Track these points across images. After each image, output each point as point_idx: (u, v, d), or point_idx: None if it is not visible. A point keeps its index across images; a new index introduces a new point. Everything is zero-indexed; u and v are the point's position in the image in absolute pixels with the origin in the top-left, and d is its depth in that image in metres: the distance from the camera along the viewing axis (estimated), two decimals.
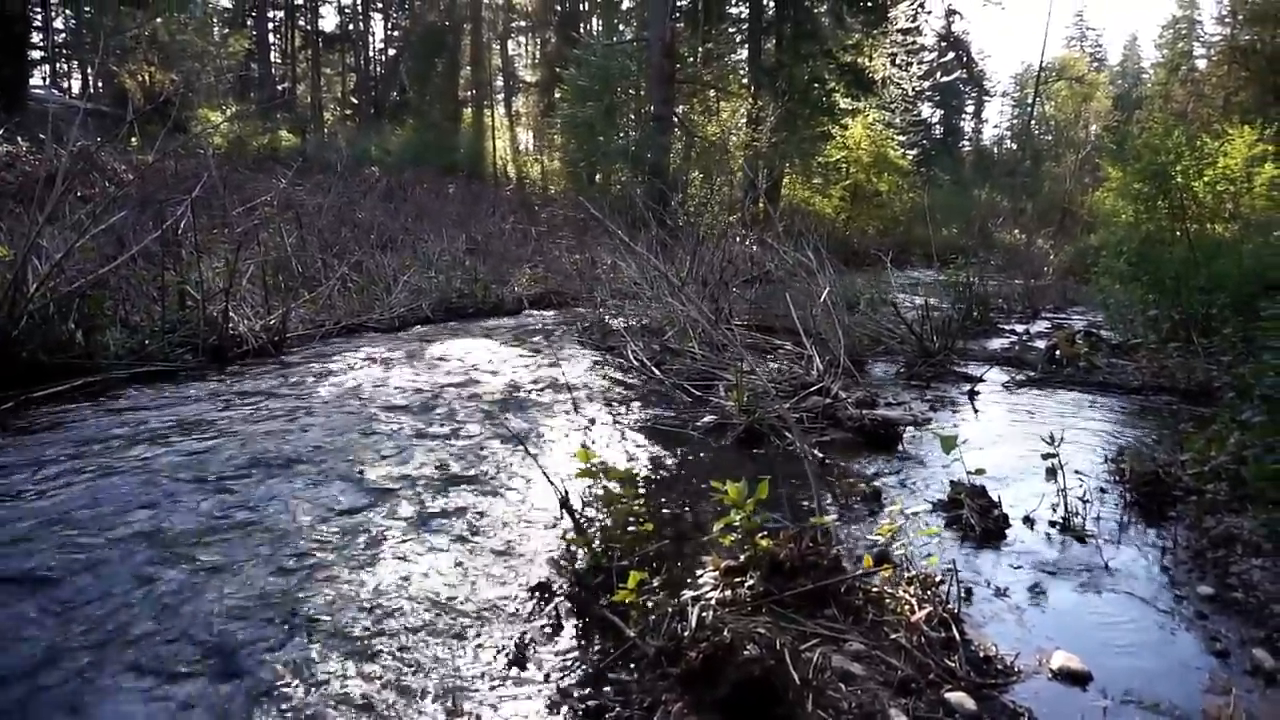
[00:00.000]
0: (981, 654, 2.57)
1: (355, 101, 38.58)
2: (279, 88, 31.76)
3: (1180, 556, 3.46)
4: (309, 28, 37.59)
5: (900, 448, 5.08)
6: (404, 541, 3.30)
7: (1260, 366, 4.87)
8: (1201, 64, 43.20)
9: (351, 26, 39.47)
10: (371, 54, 41.00)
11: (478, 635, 2.63)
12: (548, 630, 2.69)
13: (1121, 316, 10.35)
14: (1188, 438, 4.93)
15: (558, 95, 26.94)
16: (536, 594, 2.92)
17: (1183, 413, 6.20)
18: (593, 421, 5.45)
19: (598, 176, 23.40)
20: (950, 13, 42.72)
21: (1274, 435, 4.07)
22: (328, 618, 2.66)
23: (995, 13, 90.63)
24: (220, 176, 10.49)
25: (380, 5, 39.75)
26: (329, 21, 43.57)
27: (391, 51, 39.87)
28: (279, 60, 37.61)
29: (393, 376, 6.39)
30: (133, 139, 13.10)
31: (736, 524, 2.87)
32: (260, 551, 3.11)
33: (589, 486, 3.25)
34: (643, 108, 22.06)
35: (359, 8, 39.15)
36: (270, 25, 35.83)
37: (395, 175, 20.70)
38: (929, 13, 36.86)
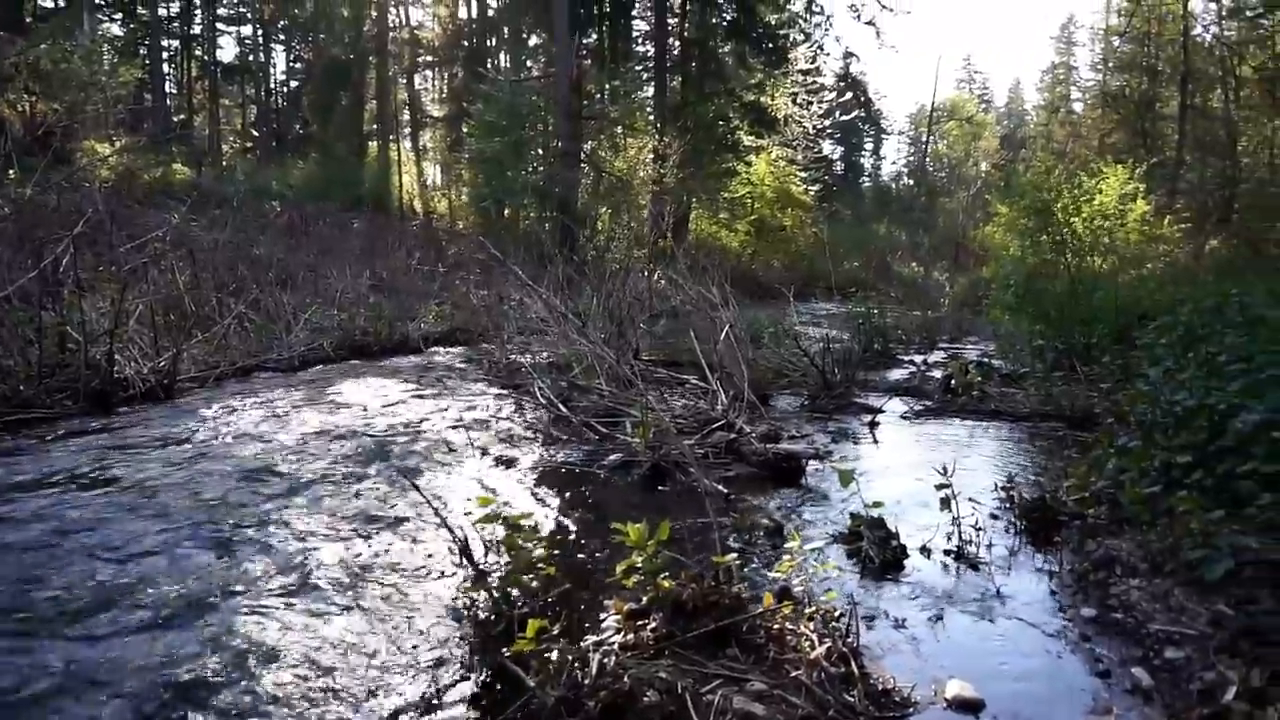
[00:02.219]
0: (880, 687, 2.61)
1: (255, 134, 37.62)
2: (173, 119, 30.70)
3: (1065, 580, 3.61)
4: (206, 58, 36.55)
5: (803, 481, 5.17)
6: (294, 593, 3.17)
7: (1134, 394, 5.16)
8: (1079, 107, 45.99)
9: (251, 57, 38.56)
10: (272, 86, 40.10)
11: (373, 690, 2.54)
12: (446, 682, 2.62)
13: (1011, 346, 10.83)
14: (1071, 464, 5.17)
15: (465, 130, 26.84)
16: (435, 645, 2.84)
17: (1068, 439, 6.49)
18: (498, 462, 5.38)
19: (506, 212, 23.33)
20: (848, 55, 44.31)
21: (1147, 460, 4.30)
22: (210, 678, 2.52)
23: (890, 55, 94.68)
24: (107, 211, 10.02)
25: (281, 37, 38.97)
26: (227, 52, 42.43)
27: (294, 83, 39.12)
28: (174, 91, 36.43)
29: (288, 420, 6.18)
30: (10, 171, 12.41)
31: (639, 566, 2.86)
32: (137, 612, 2.94)
33: (490, 532, 3.20)
34: (550, 144, 22.15)
35: (259, 39, 38.32)
36: (165, 55, 34.70)
37: (297, 210, 20.19)
38: (827, 55, 38.27)
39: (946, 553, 3.88)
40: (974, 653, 2.98)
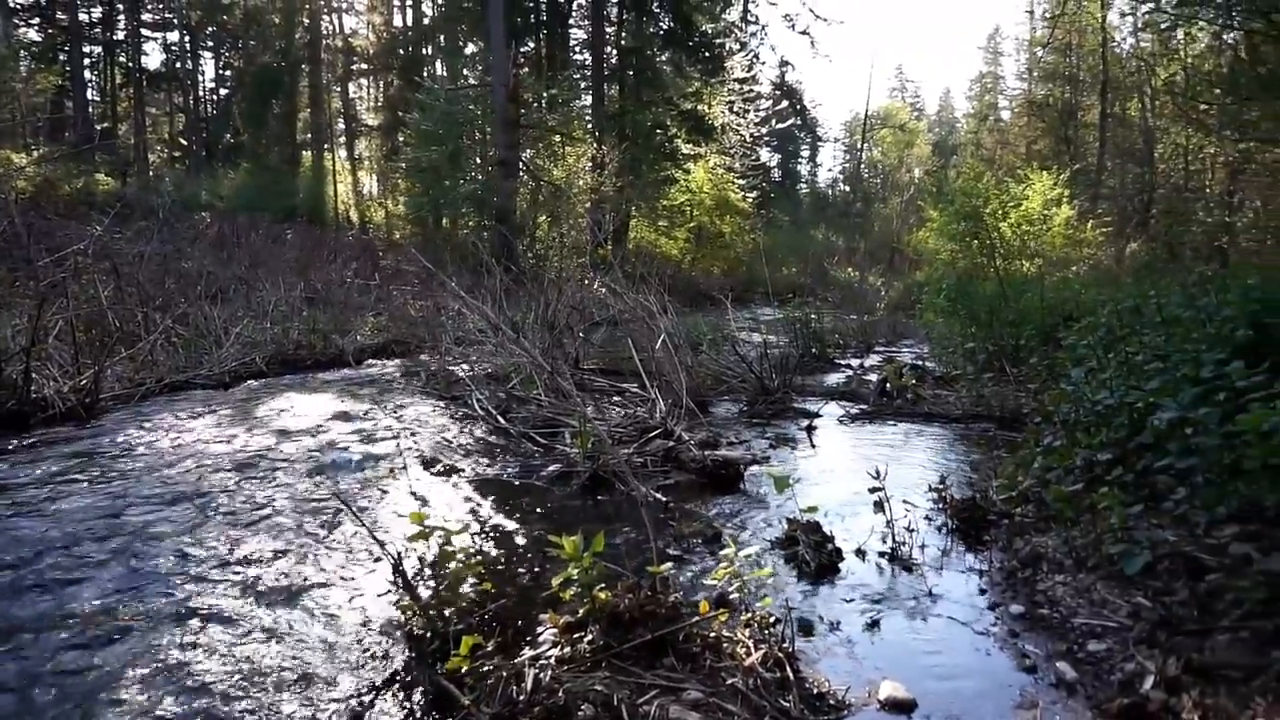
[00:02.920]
0: (815, 690, 2.65)
1: (184, 143, 36.61)
2: (95, 128, 29.71)
3: (995, 578, 3.69)
4: (130, 64, 35.46)
5: (741, 487, 5.21)
6: (220, 617, 3.09)
7: (1058, 394, 5.32)
8: (1006, 115, 47.32)
9: (179, 64, 37.54)
10: (201, 94, 39.08)
11: (304, 713, 2.49)
12: (381, 703, 2.58)
13: (944, 349, 11.07)
14: (1000, 464, 5.31)
15: (401, 139, 26.54)
16: (369, 665, 2.79)
17: (998, 439, 6.66)
18: (436, 476, 5.31)
19: (444, 221, 23.10)
20: (783, 63, 45.09)
21: (1070, 459, 4.43)
22: (132, 706, 2.44)
23: (825, 65, 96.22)
24: (24, 224, 9.68)
25: (210, 43, 38.02)
26: (154, 59, 41.28)
27: (224, 91, 38.20)
28: (97, 98, 35.29)
29: (217, 438, 6.01)
30: None
31: (574, 578, 2.85)
32: (55, 638, 2.83)
33: (424, 548, 3.15)
34: (488, 153, 22.01)
35: (186, 45, 37.33)
36: (86, 61, 33.58)
37: (228, 221, 19.71)
38: (763, 63, 38.90)
39: (881, 555, 3.94)
40: (907, 653, 3.03)
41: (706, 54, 26.69)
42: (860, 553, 3.97)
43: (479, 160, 22.47)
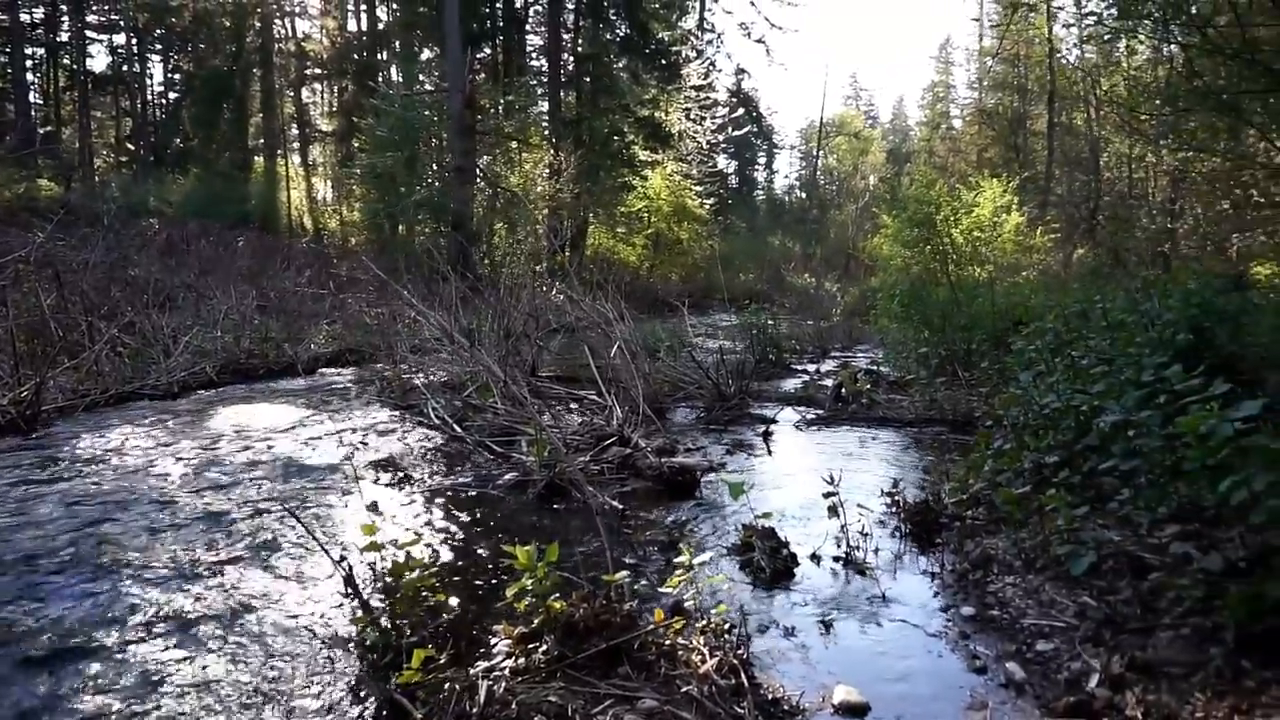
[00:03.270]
0: (770, 696, 2.66)
1: (131, 148, 35.78)
2: (38, 132, 28.91)
3: (946, 580, 3.74)
4: (75, 67, 34.59)
5: (699, 493, 5.22)
6: (171, 633, 3.02)
7: (1007, 398, 5.42)
8: (958, 123, 48.16)
9: (125, 67, 36.70)
10: (149, 97, 38.24)
11: None
12: (333, 718, 2.54)
13: (898, 354, 11.22)
14: (952, 467, 5.39)
15: (356, 145, 26.24)
16: (321, 680, 2.75)
17: (951, 442, 6.76)
18: (391, 486, 5.25)
19: (400, 228, 22.88)
20: (739, 71, 45.41)
21: (1019, 461, 4.52)
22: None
23: (780, 73, 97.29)
24: None
25: (158, 46, 37.23)
26: (99, 61, 40.29)
27: (173, 95, 37.42)
28: (39, 101, 34.36)
29: (165, 450, 5.89)
30: None
31: (529, 588, 2.83)
32: (11, 659, 2.75)
33: (377, 559, 3.11)
34: (444, 159, 21.86)
35: (133, 48, 36.50)
36: (29, 63, 32.71)
37: (177, 228, 19.31)
38: (720, 71, 39.15)
39: (835, 559, 3.98)
40: (861, 657, 3.06)
41: (663, 61, 26.82)
42: (815, 557, 4.00)
43: (435, 167, 22.30)
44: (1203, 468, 3.03)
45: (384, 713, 2.54)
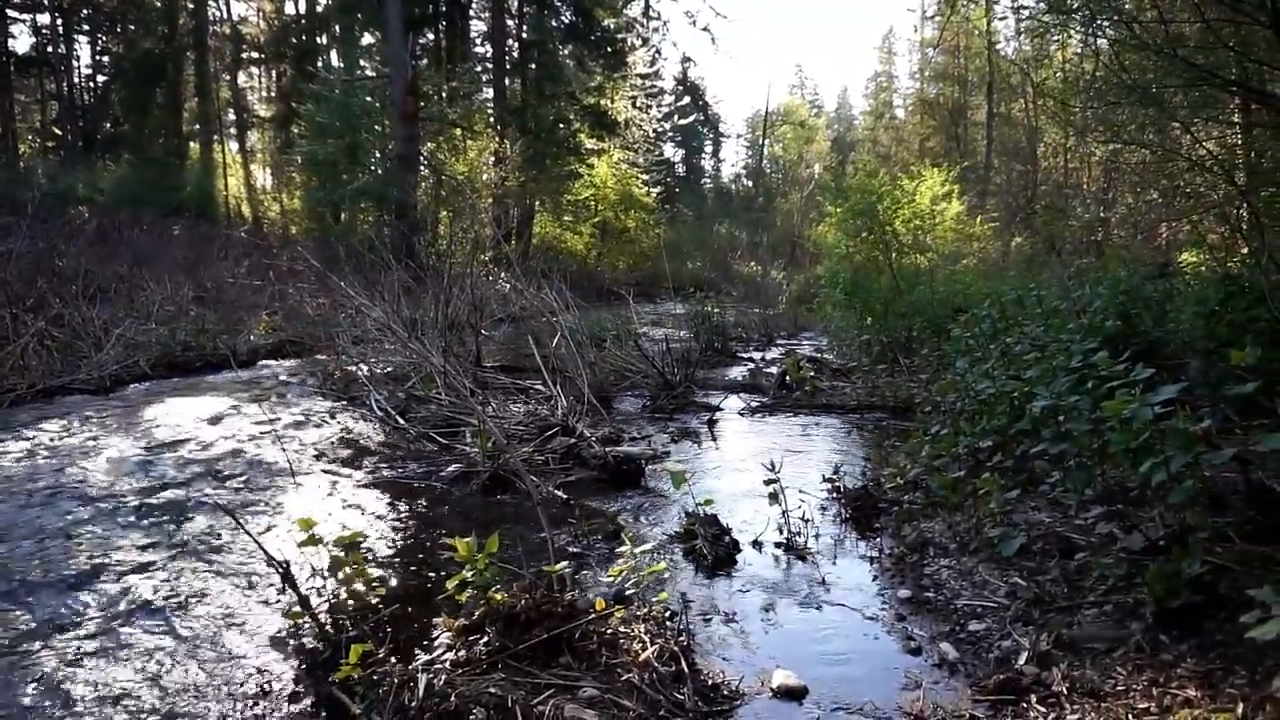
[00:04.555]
0: (710, 682, 2.70)
1: (58, 132, 34.47)
2: None
3: (885, 564, 3.83)
4: None
5: (643, 482, 5.25)
6: (103, 632, 2.96)
7: (945, 384, 5.54)
8: (900, 113, 48.84)
9: (50, 49, 35.33)
10: (77, 80, 36.86)
11: None
12: (270, 715, 2.50)
13: (841, 341, 11.38)
14: (892, 453, 5.49)
15: (296, 132, 25.66)
16: (258, 677, 2.72)
17: (891, 429, 6.89)
18: (332, 480, 5.18)
19: (342, 217, 22.45)
20: (685, 60, 45.28)
21: (954, 446, 4.63)
22: None
23: (726, 61, 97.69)
24: None
25: (85, 26, 35.85)
26: (22, 42, 38.66)
27: (101, 78, 36.13)
28: None
29: (95, 445, 5.72)
30: None
31: (470, 580, 2.83)
32: None
33: (315, 554, 3.07)
34: (387, 146, 21.49)
35: (59, 28, 35.13)
36: None
37: (108, 216, 18.69)
38: (665, 59, 39.04)
39: (777, 545, 4.04)
40: (800, 641, 3.11)
41: (608, 48, 26.67)
42: (757, 544, 4.06)
43: (377, 154, 21.91)
44: (1126, 450, 3.13)
45: (323, 709, 2.52)
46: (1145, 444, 2.96)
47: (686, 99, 46.27)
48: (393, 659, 2.56)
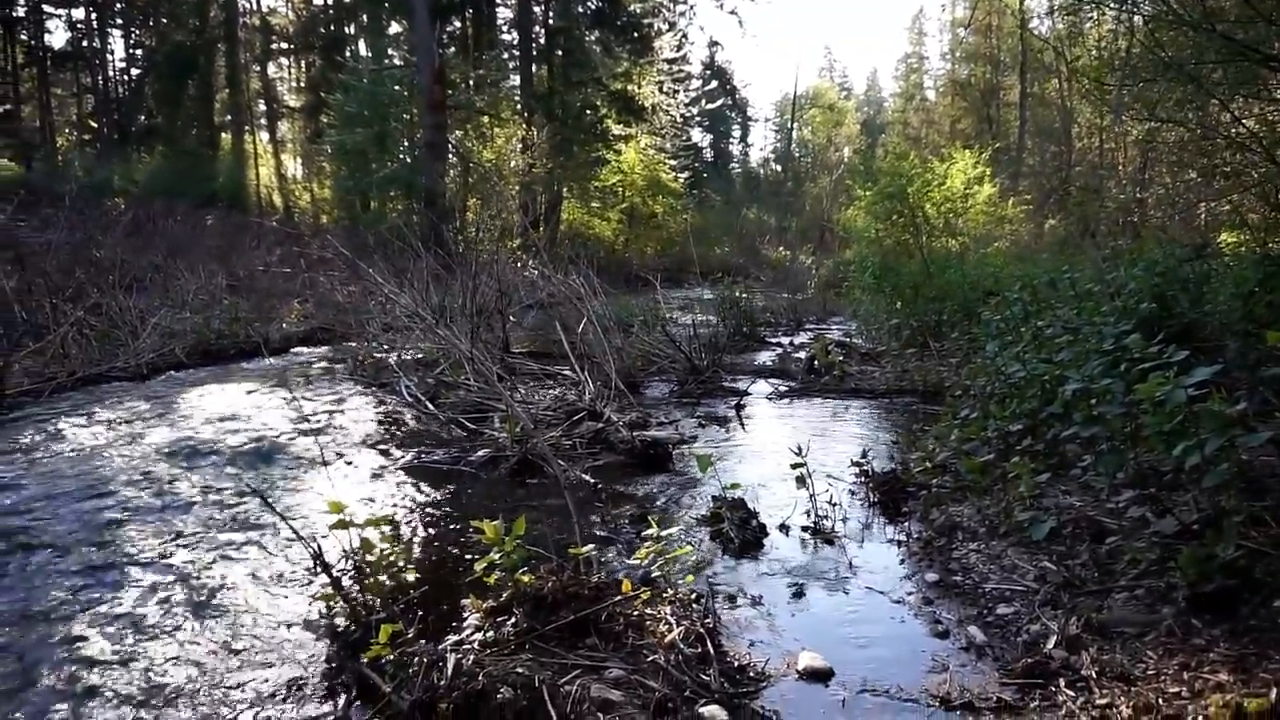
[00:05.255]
0: (735, 664, 2.70)
1: (94, 125, 35.02)
2: None
3: (912, 548, 3.81)
4: (33, 43, 33.73)
5: (671, 466, 5.26)
6: (139, 613, 3.03)
7: (974, 368, 5.48)
8: (931, 95, 48.21)
9: (86, 43, 35.84)
10: (111, 73, 37.38)
11: (228, 704, 2.46)
12: (302, 693, 2.56)
13: (870, 325, 11.30)
14: (920, 437, 5.46)
15: (325, 121, 25.86)
16: (292, 656, 2.77)
17: (920, 413, 6.84)
18: (363, 465, 5.25)
19: (371, 205, 22.63)
20: (712, 44, 45.24)
21: (984, 430, 4.58)
22: (55, 702, 2.38)
23: (754, 45, 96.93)
24: None
25: (119, 21, 36.32)
26: (58, 37, 39.28)
27: (135, 71, 36.61)
28: None
29: (133, 431, 5.84)
30: None
31: (497, 562, 2.85)
32: None
33: (347, 537, 3.12)
34: (415, 134, 21.60)
35: (94, 23, 35.63)
36: None
37: (143, 207, 18.98)
38: (692, 43, 38.84)
39: (804, 529, 4.03)
40: (826, 623, 3.11)
41: (635, 33, 26.58)
42: (784, 528, 4.05)
43: (406, 142, 22.04)
44: (1160, 433, 3.09)
45: (354, 687, 2.56)
46: (1179, 427, 2.92)
47: (714, 83, 46.04)
48: (422, 639, 2.60)
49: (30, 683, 2.56)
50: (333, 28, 33.19)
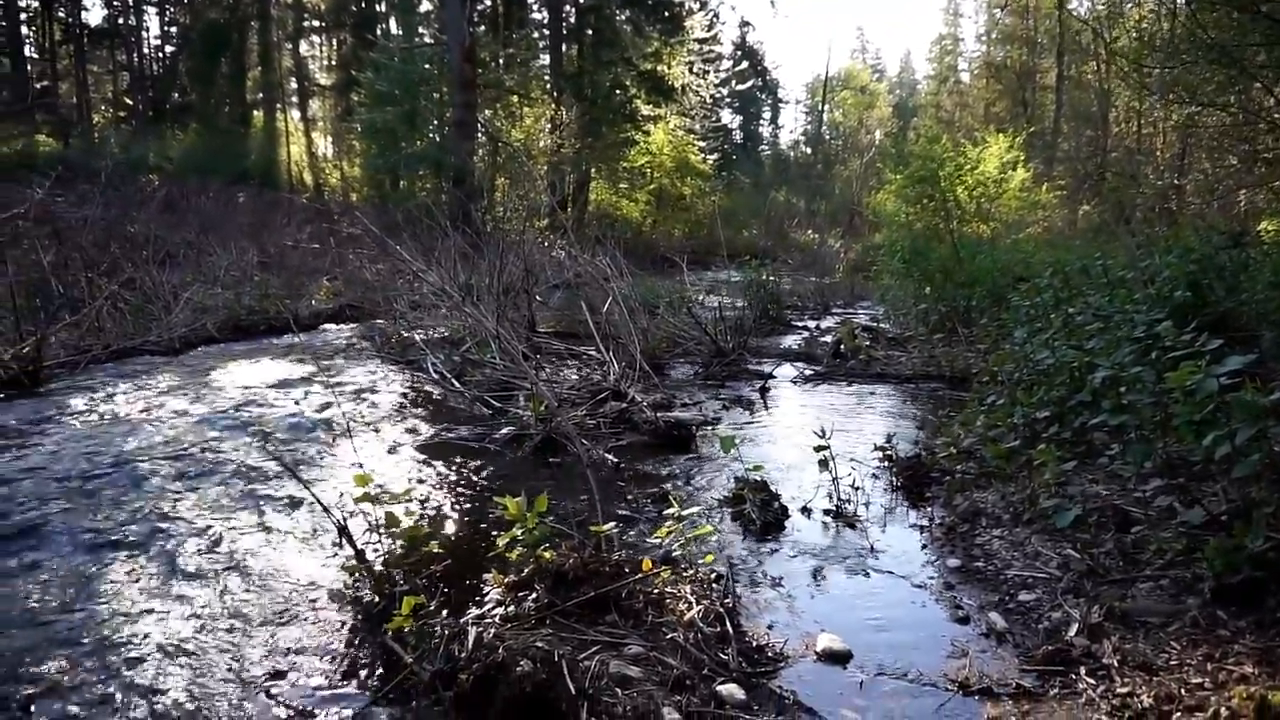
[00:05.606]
0: (754, 644, 2.71)
1: (129, 103, 35.41)
2: (34, 87, 28.64)
3: (935, 533, 3.79)
4: (70, 20, 34.11)
5: (693, 448, 5.27)
6: (167, 584, 3.09)
7: (1001, 355, 5.43)
8: (966, 77, 47.46)
9: (121, 21, 36.18)
10: (146, 51, 37.73)
11: (253, 673, 2.51)
12: (325, 663, 2.60)
13: (898, 310, 11.21)
14: (946, 422, 5.42)
15: (356, 100, 25.97)
16: (316, 626, 2.81)
17: (947, 398, 6.79)
18: (390, 440, 5.31)
19: (401, 183, 22.74)
20: (743, 24, 44.86)
21: (1010, 416, 4.55)
22: (86, 671, 2.44)
23: (785, 25, 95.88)
24: None
25: None
26: (95, 15, 39.66)
27: (169, 49, 36.93)
28: (35, 56, 33.94)
29: (166, 404, 5.94)
30: None
31: (519, 538, 2.88)
32: (15, 608, 2.82)
33: (372, 511, 3.17)
34: (445, 113, 21.64)
35: (129, 1, 35.96)
36: (23, 17, 32.26)
37: (177, 184, 19.20)
38: (723, 23, 38.54)
39: (826, 512, 4.03)
40: (846, 606, 3.11)
41: (665, 13, 26.36)
42: (806, 510, 4.05)
43: (435, 121, 22.09)
44: (1190, 422, 3.05)
45: (376, 658, 2.60)
46: (1210, 416, 2.88)
47: (744, 64, 45.67)
48: (444, 612, 2.64)
49: (64, 638, 2.63)
50: (364, 5, 33.25)
